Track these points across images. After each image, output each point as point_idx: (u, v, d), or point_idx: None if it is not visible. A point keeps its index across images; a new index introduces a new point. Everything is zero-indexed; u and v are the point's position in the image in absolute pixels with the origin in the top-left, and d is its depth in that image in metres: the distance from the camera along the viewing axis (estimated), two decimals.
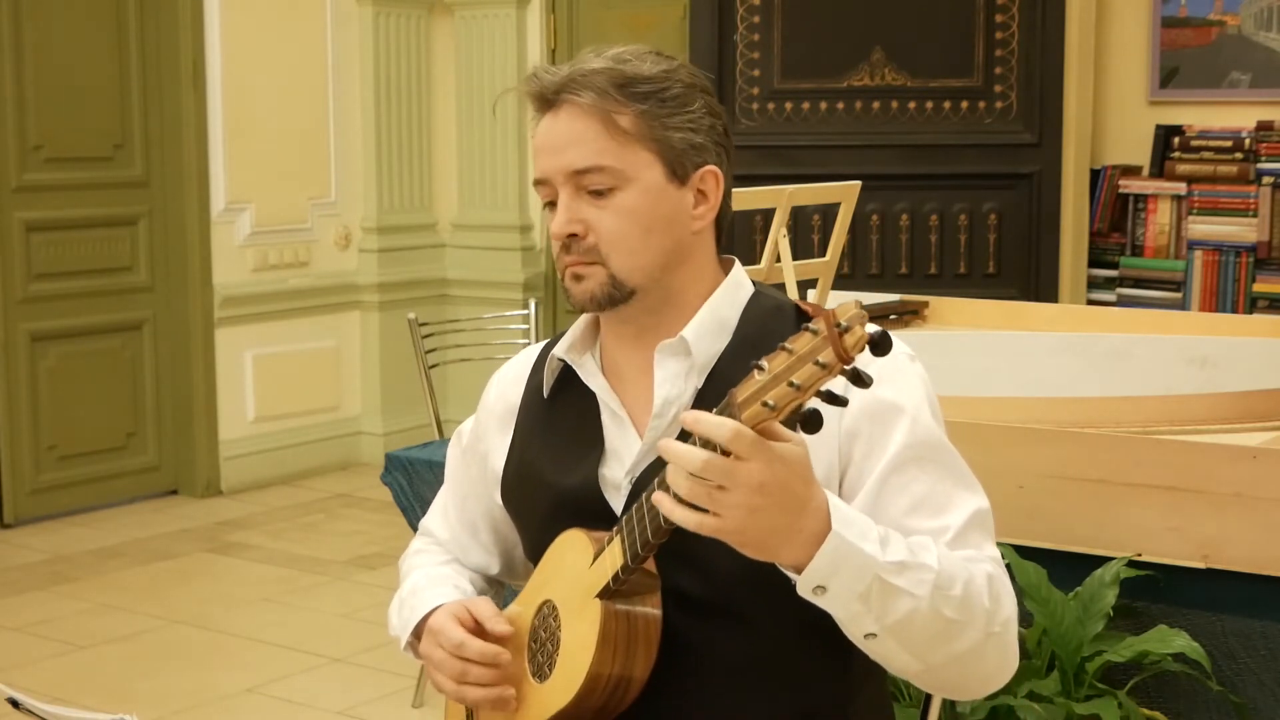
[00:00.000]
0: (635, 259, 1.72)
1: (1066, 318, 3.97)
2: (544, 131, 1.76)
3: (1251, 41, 5.52)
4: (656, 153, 1.72)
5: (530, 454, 1.84)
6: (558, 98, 1.74)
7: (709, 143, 1.75)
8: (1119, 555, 2.55)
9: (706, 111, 1.75)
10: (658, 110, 1.72)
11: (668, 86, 1.73)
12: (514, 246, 6.85)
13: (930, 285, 5.35)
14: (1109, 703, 2.47)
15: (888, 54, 5.51)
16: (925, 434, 1.68)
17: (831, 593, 1.51)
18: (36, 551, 5.56)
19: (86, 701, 4.07)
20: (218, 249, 6.29)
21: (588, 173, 1.71)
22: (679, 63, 1.77)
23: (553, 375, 1.84)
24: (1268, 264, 5.35)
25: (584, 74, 1.73)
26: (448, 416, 6.23)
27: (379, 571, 5.31)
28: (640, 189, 1.71)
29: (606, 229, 1.71)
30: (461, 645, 1.76)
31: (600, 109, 1.71)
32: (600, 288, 1.72)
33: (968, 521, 1.66)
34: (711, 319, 1.74)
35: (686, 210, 1.74)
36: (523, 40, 6.77)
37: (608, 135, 1.71)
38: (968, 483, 1.70)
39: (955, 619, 1.56)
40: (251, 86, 6.33)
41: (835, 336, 1.37)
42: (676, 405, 1.72)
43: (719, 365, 1.72)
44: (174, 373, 6.28)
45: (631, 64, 1.74)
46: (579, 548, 1.72)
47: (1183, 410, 2.79)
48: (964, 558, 1.62)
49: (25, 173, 5.83)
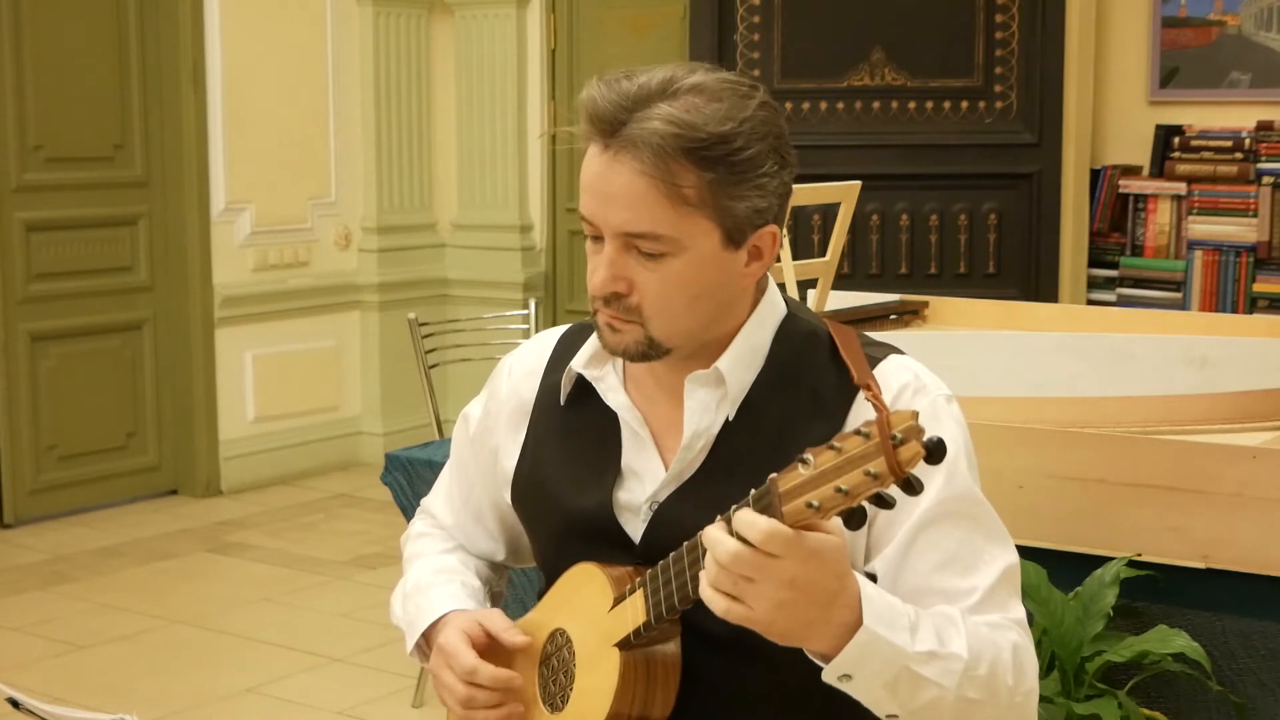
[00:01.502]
0: (677, 324, 1.63)
1: (1066, 318, 3.97)
2: (597, 173, 1.61)
3: (1251, 41, 5.52)
4: (717, 221, 1.60)
5: (543, 465, 1.79)
6: (615, 138, 1.58)
7: (775, 200, 1.63)
8: (1119, 555, 2.55)
9: (778, 167, 1.62)
10: (726, 178, 1.58)
11: (741, 148, 1.58)
12: (514, 246, 6.85)
13: (930, 285, 5.35)
14: (1109, 703, 2.47)
15: (888, 54, 5.51)
16: (960, 488, 1.63)
17: (857, 680, 1.49)
18: (36, 551, 5.56)
19: (86, 701, 4.06)
20: (218, 249, 6.29)
21: (641, 238, 1.59)
22: (756, 104, 1.61)
23: (569, 384, 1.77)
24: (1268, 264, 5.35)
25: (650, 128, 1.56)
26: (448, 416, 6.22)
27: (379, 571, 5.31)
28: (694, 257, 1.60)
29: (653, 293, 1.61)
30: (474, 672, 1.72)
31: (664, 176, 1.56)
32: (635, 345, 1.64)
33: (996, 582, 1.62)
34: (745, 348, 1.67)
35: (738, 270, 1.64)
36: (523, 40, 6.77)
37: (668, 202, 1.57)
38: (998, 537, 1.65)
39: (978, 699, 1.54)
40: (251, 86, 6.33)
41: (889, 449, 1.33)
42: (705, 437, 1.66)
43: (751, 395, 1.67)
44: (174, 373, 6.28)
45: (703, 115, 1.57)
46: (597, 586, 1.67)
47: (1183, 410, 2.78)
48: (990, 626, 1.59)
49: (25, 173, 5.83)
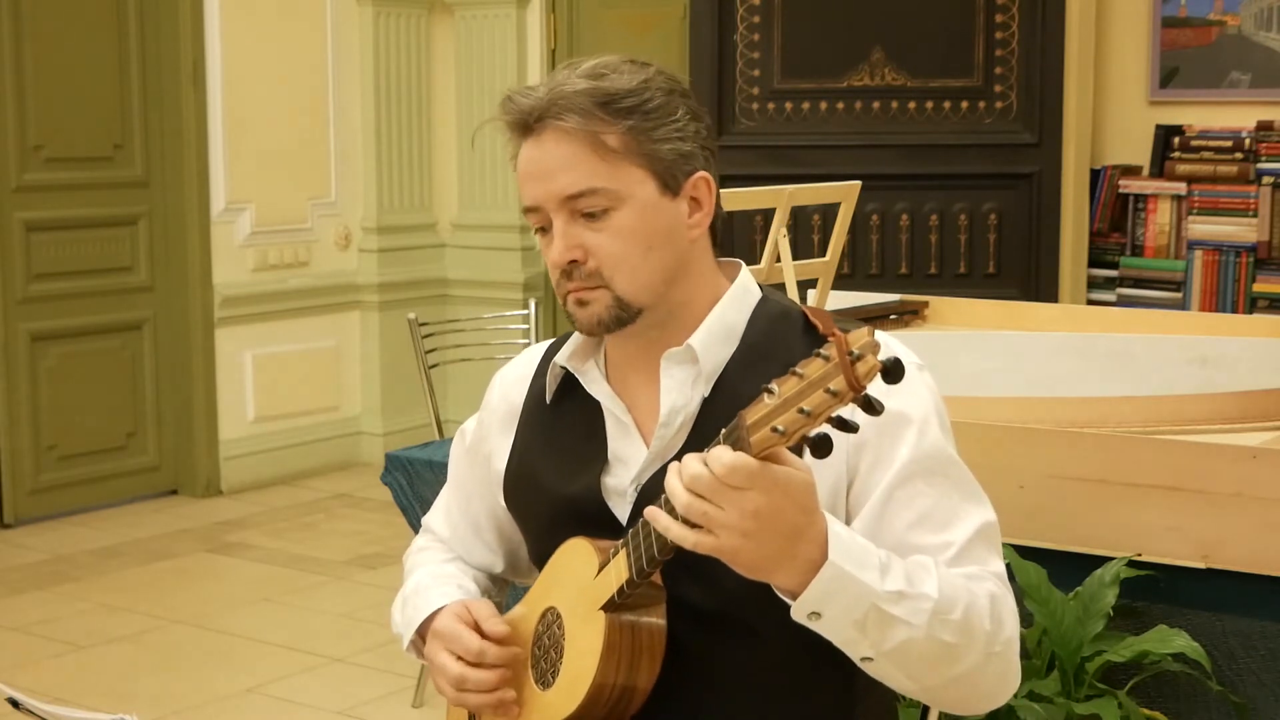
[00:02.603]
0: (638, 278, 1.69)
1: (1066, 318, 3.97)
2: (528, 159, 1.72)
3: (1251, 41, 5.52)
4: (647, 168, 1.69)
5: (531, 459, 1.83)
6: (539, 123, 1.70)
7: (696, 149, 1.72)
8: (1119, 555, 2.55)
9: (690, 117, 1.72)
10: (643, 124, 1.68)
11: (649, 98, 1.69)
12: (514, 246, 6.85)
13: (930, 285, 5.35)
14: (1109, 703, 2.47)
15: (888, 54, 5.51)
16: (932, 446, 1.66)
17: (826, 619, 1.51)
18: (36, 551, 5.56)
19: (86, 701, 4.06)
20: (218, 249, 6.29)
21: (581, 196, 1.68)
22: (654, 69, 1.73)
23: (555, 381, 1.82)
24: (1268, 264, 5.35)
25: (564, 95, 1.68)
26: (448, 416, 6.23)
27: (379, 571, 5.31)
28: (636, 207, 1.69)
29: (606, 252, 1.69)
30: (483, 654, 1.75)
31: (586, 130, 1.67)
32: (607, 311, 1.70)
33: (972, 536, 1.64)
34: (719, 326, 1.72)
35: (682, 220, 1.72)
36: (523, 40, 6.77)
37: (597, 156, 1.67)
38: (974, 496, 1.68)
39: (954, 643, 1.56)
40: (251, 86, 6.33)
41: (847, 365, 1.36)
42: (683, 414, 1.70)
43: (726, 373, 1.71)
44: (174, 373, 6.28)
45: (609, 78, 1.69)
46: (584, 557, 1.71)
47: (1183, 410, 2.78)
48: (966, 576, 1.61)
49: (25, 173, 5.83)
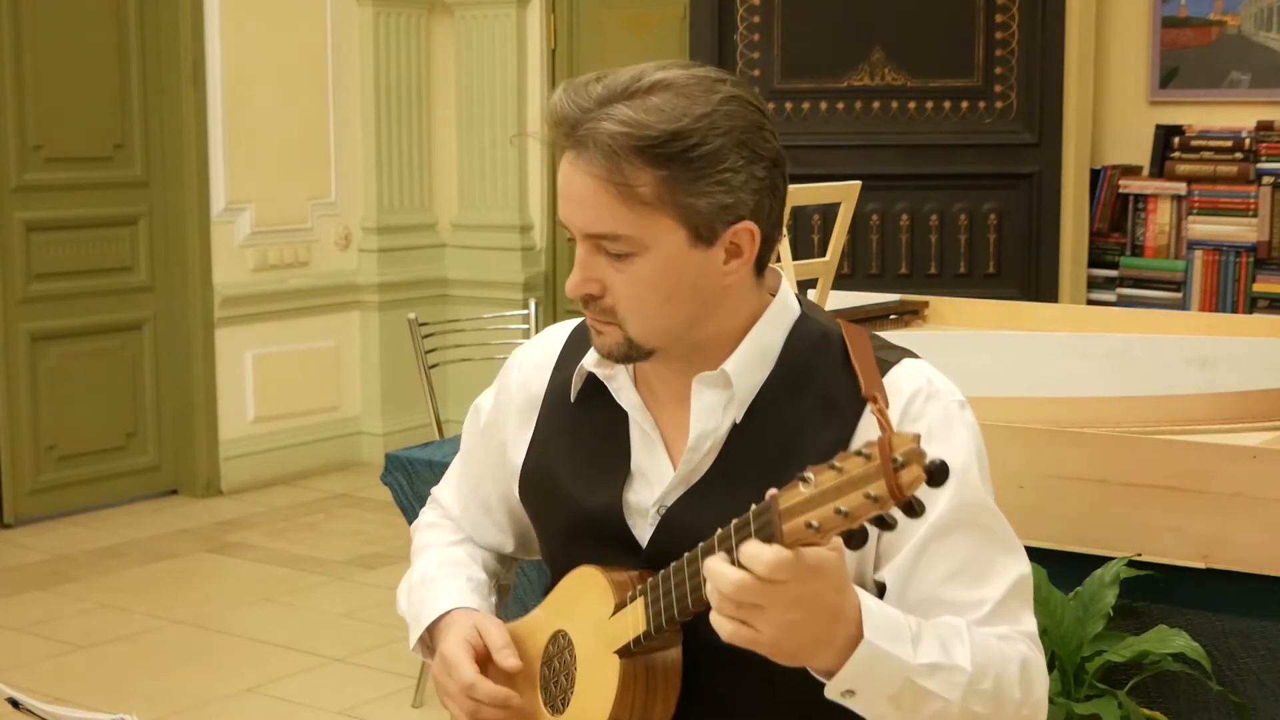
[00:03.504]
0: (652, 324, 1.62)
1: (1066, 318, 3.96)
2: (563, 174, 1.61)
3: (1251, 41, 5.52)
4: (679, 218, 1.57)
5: (551, 461, 1.78)
6: (573, 141, 1.58)
7: (745, 197, 1.58)
8: (1119, 555, 2.55)
9: (747, 160, 1.57)
10: (683, 174, 1.55)
11: (698, 144, 1.55)
12: (514, 246, 6.85)
13: (930, 285, 5.35)
14: (1109, 703, 2.47)
15: (888, 54, 5.51)
16: (971, 497, 1.60)
17: (860, 695, 1.48)
18: (36, 551, 5.56)
19: (86, 701, 4.06)
20: (218, 249, 6.29)
21: (603, 238, 1.59)
22: (722, 96, 1.57)
23: (580, 381, 1.76)
24: (1268, 264, 5.35)
25: (600, 129, 1.55)
26: (448, 416, 6.22)
27: (379, 571, 5.31)
28: (659, 257, 1.58)
29: (623, 294, 1.61)
30: (473, 687, 1.72)
31: (615, 177, 1.55)
32: (617, 346, 1.64)
33: (1006, 594, 1.60)
34: (755, 349, 1.65)
35: (715, 269, 1.61)
36: (523, 40, 6.77)
37: (622, 202, 1.56)
38: (1010, 546, 1.63)
39: (983, 713, 1.53)
40: (251, 86, 6.33)
41: (890, 472, 1.31)
42: (712, 439, 1.65)
43: (760, 398, 1.65)
44: (174, 373, 6.28)
45: (658, 112, 1.55)
46: (598, 591, 1.66)
47: (1183, 410, 2.78)
48: (998, 638, 1.57)
49: (25, 173, 5.83)
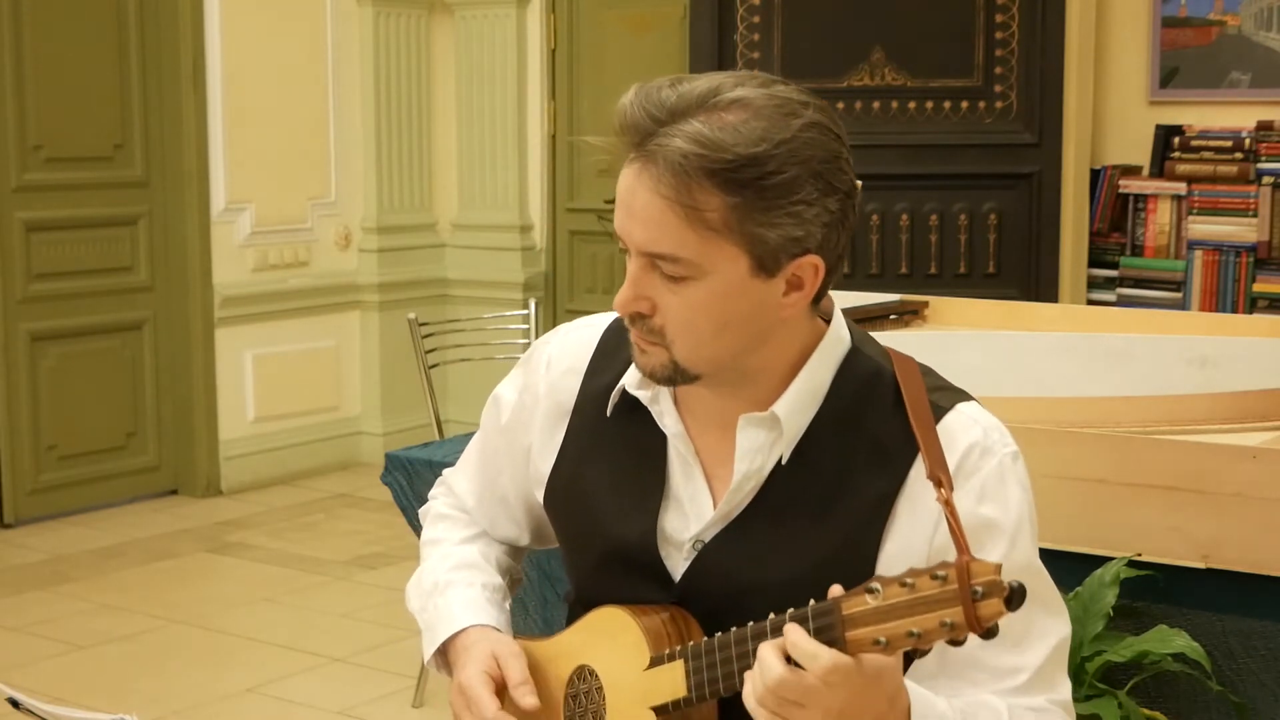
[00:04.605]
0: (702, 352, 1.54)
1: (1066, 318, 3.96)
2: (625, 186, 1.51)
3: (1251, 41, 5.52)
4: (744, 247, 1.49)
5: (583, 480, 1.71)
6: (642, 151, 1.49)
7: (815, 230, 1.50)
8: (1119, 555, 2.54)
9: (820, 193, 1.49)
10: (755, 202, 1.46)
11: (774, 171, 1.46)
12: (514, 246, 6.85)
13: (930, 285, 5.35)
14: (1109, 703, 2.47)
15: (888, 54, 5.51)
16: (1021, 559, 1.55)
17: None
18: (36, 551, 5.56)
19: (86, 701, 4.06)
20: (218, 249, 6.29)
21: (661, 258, 1.50)
22: (804, 122, 1.48)
23: (617, 397, 1.69)
24: (1268, 264, 5.35)
25: (673, 146, 1.46)
26: (448, 416, 6.23)
27: (379, 571, 5.31)
28: (719, 284, 1.50)
29: (674, 316, 1.52)
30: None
31: (683, 199, 1.46)
32: (662, 369, 1.56)
33: (1046, 660, 1.56)
34: (806, 389, 1.58)
35: (774, 301, 1.53)
36: (523, 40, 6.77)
37: (688, 225, 1.47)
38: (1052, 608, 1.59)
39: None
40: (251, 86, 6.33)
41: (969, 604, 1.28)
42: (755, 479, 1.59)
43: (807, 438, 1.59)
44: (174, 373, 6.28)
45: (735, 134, 1.46)
46: (631, 638, 1.61)
47: (1183, 410, 2.78)
48: (1035, 713, 1.54)
49: (25, 173, 5.83)
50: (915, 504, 1.55)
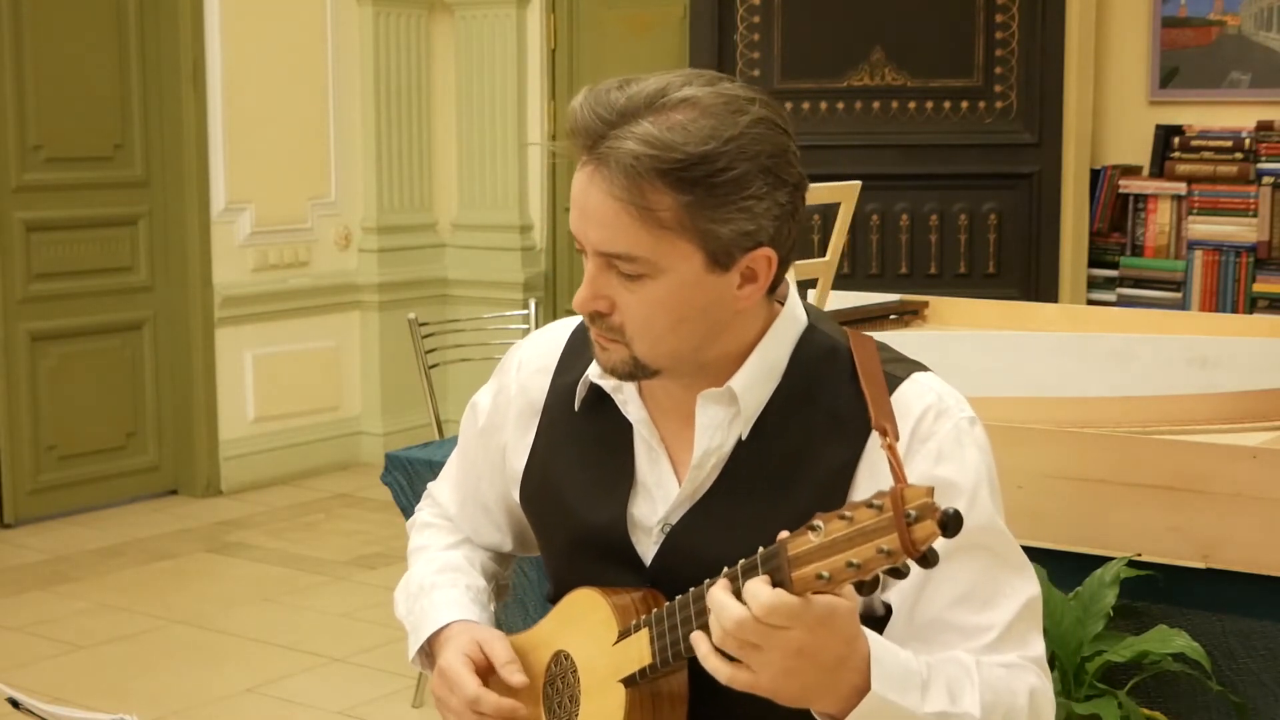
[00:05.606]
0: (660, 346, 1.58)
1: (1066, 318, 3.96)
2: (578, 188, 1.55)
3: (1251, 41, 5.52)
4: (698, 243, 1.52)
5: (554, 473, 1.75)
6: (593, 154, 1.52)
7: (767, 223, 1.54)
8: (1119, 555, 2.55)
9: (770, 187, 1.53)
10: (706, 200, 1.50)
11: (724, 169, 1.50)
12: (514, 246, 6.85)
13: (930, 285, 5.35)
14: (1109, 703, 2.47)
15: (888, 54, 5.51)
16: (981, 519, 1.57)
17: None
18: (36, 551, 5.56)
19: (86, 701, 4.06)
20: (218, 249, 6.29)
21: (616, 257, 1.54)
22: (750, 118, 1.52)
23: (584, 390, 1.72)
24: (1268, 264, 5.35)
25: (624, 149, 1.49)
26: (448, 416, 6.22)
27: (379, 571, 5.31)
28: (674, 281, 1.54)
29: (633, 314, 1.56)
30: (477, 700, 1.68)
31: (636, 200, 1.50)
32: (622, 365, 1.60)
33: (1015, 617, 1.57)
34: (761, 365, 1.61)
35: (729, 294, 1.57)
36: (523, 40, 6.77)
37: (641, 224, 1.51)
38: (1019, 568, 1.60)
39: None
40: (251, 86, 6.33)
41: (903, 527, 1.29)
42: (716, 456, 1.62)
43: (765, 413, 1.62)
44: (174, 373, 6.28)
45: (684, 134, 1.49)
46: (601, 616, 1.64)
47: (1183, 410, 2.78)
48: (1006, 668, 1.55)
49: (25, 173, 5.83)
50: (875, 471, 1.57)
